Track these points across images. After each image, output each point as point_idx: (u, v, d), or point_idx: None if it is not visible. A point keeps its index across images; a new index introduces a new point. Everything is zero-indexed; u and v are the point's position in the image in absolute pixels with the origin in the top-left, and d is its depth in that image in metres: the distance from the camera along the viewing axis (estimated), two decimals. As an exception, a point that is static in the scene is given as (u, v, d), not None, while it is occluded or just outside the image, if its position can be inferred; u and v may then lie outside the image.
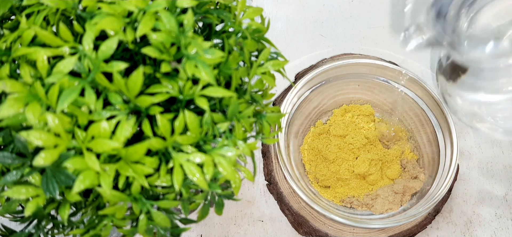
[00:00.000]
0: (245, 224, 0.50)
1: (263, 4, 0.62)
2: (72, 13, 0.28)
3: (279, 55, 0.33)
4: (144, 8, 0.27)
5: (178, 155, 0.27)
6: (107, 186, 0.25)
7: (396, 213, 0.47)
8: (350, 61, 0.51)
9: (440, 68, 0.42)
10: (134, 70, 0.26)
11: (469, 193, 0.51)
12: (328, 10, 0.62)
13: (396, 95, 0.52)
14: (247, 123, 0.29)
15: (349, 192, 0.49)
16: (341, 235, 0.48)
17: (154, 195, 0.29)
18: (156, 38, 0.26)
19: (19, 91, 0.25)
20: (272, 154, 0.52)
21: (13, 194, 0.25)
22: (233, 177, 0.28)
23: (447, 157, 0.47)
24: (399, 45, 0.60)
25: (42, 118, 0.24)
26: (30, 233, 0.30)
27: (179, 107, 0.28)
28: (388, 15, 0.62)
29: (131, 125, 0.25)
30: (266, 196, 0.51)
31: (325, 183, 0.49)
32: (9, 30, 0.29)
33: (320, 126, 0.52)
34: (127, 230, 0.30)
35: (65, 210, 0.27)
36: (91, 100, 0.25)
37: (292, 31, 0.61)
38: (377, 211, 0.48)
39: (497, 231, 0.49)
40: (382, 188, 0.49)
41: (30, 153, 0.25)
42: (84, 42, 0.25)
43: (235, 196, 0.30)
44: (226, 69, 0.29)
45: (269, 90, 0.34)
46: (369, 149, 0.50)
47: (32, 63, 0.27)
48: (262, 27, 0.32)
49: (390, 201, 0.48)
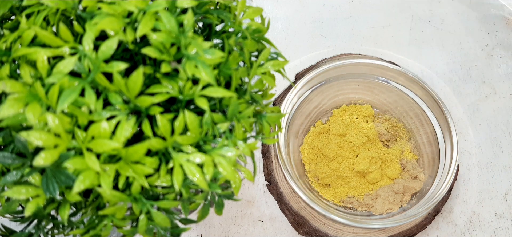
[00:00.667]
0: (245, 224, 0.50)
1: (263, 4, 0.62)
2: (72, 13, 0.28)
3: (279, 55, 0.33)
4: (144, 8, 0.27)
5: (178, 155, 0.27)
6: (107, 186, 0.25)
7: (396, 213, 0.47)
8: (350, 61, 0.51)
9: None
10: (134, 70, 0.26)
11: (469, 193, 0.51)
12: (328, 10, 0.62)
13: (396, 94, 0.52)
14: (247, 123, 0.29)
15: (349, 191, 0.49)
16: (341, 235, 0.48)
17: (154, 195, 0.29)
18: (156, 38, 0.26)
19: (19, 91, 0.25)
20: (272, 154, 0.52)
21: (13, 194, 0.25)
22: (233, 177, 0.28)
23: (447, 157, 0.47)
24: (399, 45, 0.60)
25: (42, 118, 0.24)
26: (30, 233, 0.30)
27: (179, 107, 0.28)
28: (388, 15, 0.62)
29: (131, 125, 0.25)
30: (266, 196, 0.51)
31: (325, 181, 0.49)
32: (9, 30, 0.29)
33: (320, 126, 0.52)
34: (127, 230, 0.30)
35: (65, 210, 0.27)
36: (91, 100, 0.25)
37: (292, 31, 0.61)
38: (377, 211, 0.48)
39: (497, 231, 0.49)
40: (382, 188, 0.49)
41: (30, 153, 0.25)
42: (84, 42, 0.25)
43: (235, 196, 0.30)
44: (226, 69, 0.29)
45: (269, 90, 0.34)
46: (369, 147, 0.50)
47: (32, 63, 0.27)
48: (262, 27, 0.32)
49: (390, 201, 0.48)
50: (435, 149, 0.49)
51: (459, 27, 0.61)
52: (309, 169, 0.51)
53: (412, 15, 0.62)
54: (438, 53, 0.59)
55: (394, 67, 0.51)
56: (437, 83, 0.57)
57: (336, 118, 0.52)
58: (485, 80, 0.57)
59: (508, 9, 0.62)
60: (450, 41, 0.60)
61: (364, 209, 0.48)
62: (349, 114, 0.53)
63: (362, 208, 0.49)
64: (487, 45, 0.60)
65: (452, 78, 0.58)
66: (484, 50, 0.59)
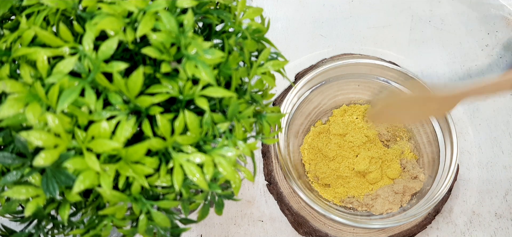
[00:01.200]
0: (245, 224, 0.50)
1: (263, 4, 0.62)
2: (72, 13, 0.28)
3: (279, 55, 0.33)
4: (144, 8, 0.27)
5: (178, 155, 0.27)
6: (107, 186, 0.25)
7: (396, 213, 0.47)
8: (350, 61, 0.51)
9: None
10: (134, 70, 0.26)
11: (469, 193, 0.51)
12: (328, 10, 0.62)
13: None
14: (247, 123, 0.29)
15: (349, 191, 0.49)
16: (341, 235, 0.48)
17: (154, 195, 0.29)
18: (156, 38, 0.26)
19: (19, 91, 0.25)
20: (272, 154, 0.52)
21: (13, 194, 0.25)
22: (233, 177, 0.28)
23: (447, 157, 0.47)
24: (399, 45, 0.60)
25: (42, 118, 0.24)
26: (30, 233, 0.30)
27: (179, 107, 0.28)
28: (388, 15, 0.62)
29: (131, 125, 0.25)
30: (266, 196, 0.51)
31: (325, 181, 0.49)
32: (9, 30, 0.29)
33: (320, 126, 0.52)
34: (127, 230, 0.30)
35: (65, 210, 0.27)
36: (91, 100, 0.25)
37: (292, 31, 0.61)
38: (377, 211, 0.48)
39: (497, 231, 0.49)
40: (382, 188, 0.49)
41: (30, 153, 0.25)
42: (84, 42, 0.25)
43: (235, 196, 0.30)
44: (226, 69, 0.29)
45: (269, 90, 0.34)
46: (369, 147, 0.50)
47: (32, 63, 0.27)
48: (262, 27, 0.32)
49: (390, 201, 0.48)
50: (435, 149, 0.49)
51: (459, 27, 0.61)
52: (309, 169, 0.51)
53: (412, 15, 0.62)
54: (438, 53, 0.59)
55: (394, 67, 0.51)
56: (437, 83, 0.57)
57: (336, 118, 0.52)
58: (485, 80, 0.57)
59: (508, 9, 0.62)
60: (450, 41, 0.60)
61: (364, 209, 0.48)
62: (349, 114, 0.53)
63: (362, 208, 0.49)
64: (487, 45, 0.60)
65: (452, 78, 0.58)
66: (484, 50, 0.59)
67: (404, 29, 0.61)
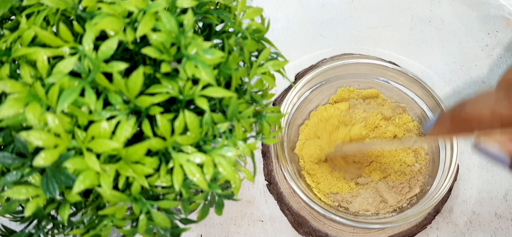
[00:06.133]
0: (245, 224, 0.50)
1: (263, 4, 0.62)
2: (72, 13, 0.28)
3: (279, 55, 0.33)
4: (144, 8, 0.27)
5: (178, 155, 0.27)
6: (107, 186, 0.25)
7: (396, 213, 0.47)
8: (350, 61, 0.51)
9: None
10: (134, 70, 0.26)
11: (469, 193, 0.51)
12: (328, 10, 0.62)
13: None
14: (247, 123, 0.29)
15: (332, 187, 0.49)
16: (341, 235, 0.48)
17: (154, 195, 0.29)
18: (156, 38, 0.26)
19: (19, 91, 0.25)
20: (272, 154, 0.52)
21: (13, 194, 0.25)
22: (233, 177, 0.28)
23: (447, 157, 0.47)
24: (399, 45, 0.60)
25: (42, 118, 0.24)
26: (30, 233, 0.30)
27: (179, 107, 0.28)
28: (388, 15, 0.62)
29: (131, 125, 0.25)
30: (266, 196, 0.51)
31: (312, 159, 0.49)
32: (9, 30, 0.29)
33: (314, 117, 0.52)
34: (127, 230, 0.30)
35: (65, 210, 0.27)
36: (91, 100, 0.25)
37: (292, 31, 0.61)
38: (354, 209, 0.47)
39: (497, 231, 0.49)
40: (382, 188, 0.49)
41: (30, 153, 0.25)
42: (84, 42, 0.25)
43: (235, 196, 0.30)
44: (226, 69, 0.29)
45: (269, 90, 0.34)
46: (365, 124, 0.51)
47: (32, 63, 0.27)
48: (262, 27, 0.32)
49: (369, 202, 0.48)
50: (435, 149, 0.49)
51: (459, 27, 0.61)
52: (303, 166, 0.51)
53: (412, 15, 0.62)
54: (438, 53, 0.59)
55: (394, 67, 0.51)
56: (437, 83, 0.57)
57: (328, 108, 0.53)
58: (485, 80, 0.57)
59: (508, 9, 0.62)
60: (450, 41, 0.60)
61: (344, 204, 0.48)
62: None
63: (342, 204, 0.48)
64: (487, 45, 0.60)
65: (452, 78, 0.58)
66: (484, 50, 0.59)
67: (404, 29, 0.61)
